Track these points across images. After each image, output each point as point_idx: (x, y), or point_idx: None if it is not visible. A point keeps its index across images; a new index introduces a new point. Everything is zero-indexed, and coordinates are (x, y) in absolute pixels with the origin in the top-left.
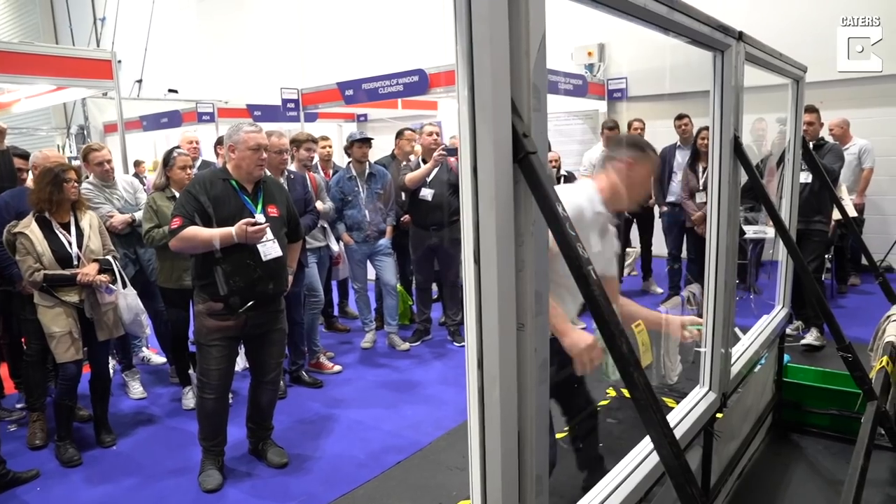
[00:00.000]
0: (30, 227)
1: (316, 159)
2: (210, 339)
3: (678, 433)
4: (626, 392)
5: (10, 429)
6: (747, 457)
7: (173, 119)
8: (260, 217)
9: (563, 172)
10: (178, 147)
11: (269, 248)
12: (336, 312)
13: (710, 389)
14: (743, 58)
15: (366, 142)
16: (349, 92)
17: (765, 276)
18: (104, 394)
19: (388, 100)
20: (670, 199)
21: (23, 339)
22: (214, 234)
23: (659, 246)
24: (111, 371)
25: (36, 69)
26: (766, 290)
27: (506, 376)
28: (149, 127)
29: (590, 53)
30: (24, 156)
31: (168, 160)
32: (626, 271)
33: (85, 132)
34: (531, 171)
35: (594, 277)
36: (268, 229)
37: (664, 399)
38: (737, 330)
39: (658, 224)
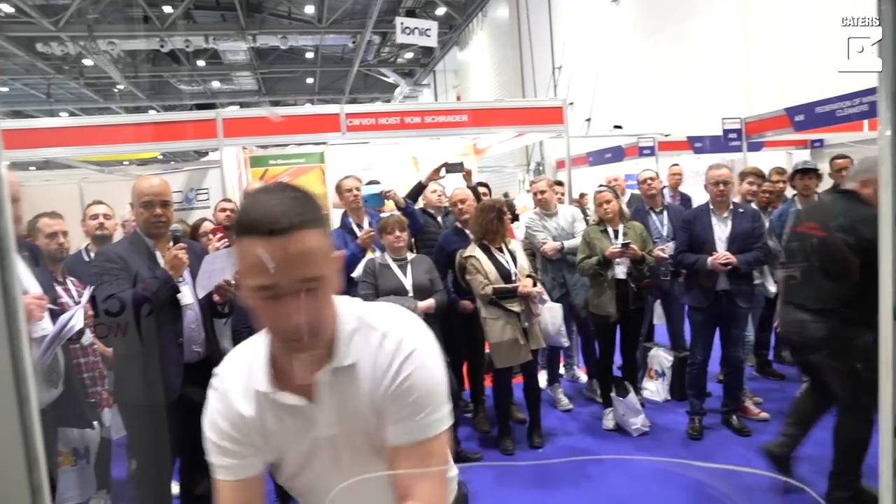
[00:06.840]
0: (476, 252)
1: None
2: None
3: None
4: None
5: (467, 416)
6: None
7: (616, 154)
8: None
9: None
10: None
11: None
12: (771, 356)
13: None
14: None
15: (808, 173)
16: (799, 117)
17: None
18: (535, 401)
19: (848, 122)
20: None
21: None
22: None
23: None
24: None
25: (504, 120)
26: None
27: None
28: (594, 162)
29: None
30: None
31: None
32: None
33: (541, 168)
34: None
35: None
36: None
37: None
38: None
39: None
